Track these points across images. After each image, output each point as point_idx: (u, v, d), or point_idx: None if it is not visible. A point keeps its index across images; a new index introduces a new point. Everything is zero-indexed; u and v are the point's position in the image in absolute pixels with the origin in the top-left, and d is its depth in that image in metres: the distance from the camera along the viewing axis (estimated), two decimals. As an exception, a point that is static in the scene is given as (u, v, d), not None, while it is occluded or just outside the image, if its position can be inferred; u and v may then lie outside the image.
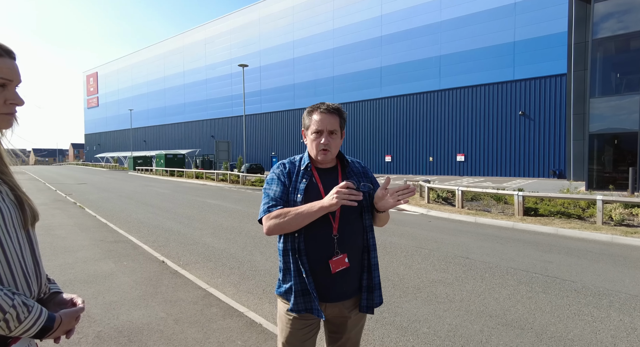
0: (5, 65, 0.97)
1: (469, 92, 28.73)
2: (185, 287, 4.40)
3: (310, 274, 1.61)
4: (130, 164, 46.83)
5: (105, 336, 3.18)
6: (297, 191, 1.65)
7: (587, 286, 4.54)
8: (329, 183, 1.67)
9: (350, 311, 1.70)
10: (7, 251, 0.97)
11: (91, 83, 76.70)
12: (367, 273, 1.71)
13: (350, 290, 1.68)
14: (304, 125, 1.75)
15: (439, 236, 7.58)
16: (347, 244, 1.64)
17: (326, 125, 1.66)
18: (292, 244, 1.63)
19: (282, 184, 1.67)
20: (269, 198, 1.66)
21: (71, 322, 1.07)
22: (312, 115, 1.70)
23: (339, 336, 1.77)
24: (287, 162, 1.76)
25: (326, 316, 1.69)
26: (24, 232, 1.04)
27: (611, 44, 15.64)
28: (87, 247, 6.40)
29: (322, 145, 1.65)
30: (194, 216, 10.21)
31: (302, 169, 1.71)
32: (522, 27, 26.32)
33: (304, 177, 1.69)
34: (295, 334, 1.69)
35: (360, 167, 1.81)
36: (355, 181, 1.65)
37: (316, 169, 1.72)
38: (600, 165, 15.59)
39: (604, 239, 7.34)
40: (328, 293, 1.64)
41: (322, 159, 1.68)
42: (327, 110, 1.69)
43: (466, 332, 3.30)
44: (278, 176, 1.70)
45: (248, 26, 43.88)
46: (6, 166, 1.08)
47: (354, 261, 1.67)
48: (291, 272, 1.64)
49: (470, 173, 28.62)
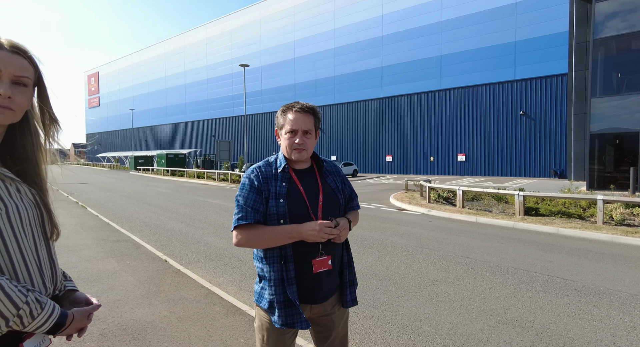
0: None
1: (470, 92, 28.73)
2: (187, 286, 4.43)
3: (295, 281, 1.57)
4: (132, 164, 46.90)
5: (110, 333, 3.21)
6: (279, 196, 1.57)
7: (588, 285, 4.56)
8: (309, 185, 1.65)
9: (333, 307, 1.71)
10: (23, 249, 0.99)
11: (92, 83, 76.81)
12: (347, 269, 1.74)
13: (333, 288, 1.69)
14: (278, 124, 1.68)
15: (440, 235, 7.61)
16: (331, 245, 1.62)
17: (300, 125, 1.61)
18: (280, 251, 1.56)
19: (255, 191, 1.57)
20: (240, 208, 1.56)
21: (83, 321, 1.09)
22: (287, 114, 1.64)
23: (327, 334, 1.75)
24: (263, 165, 1.66)
25: (311, 317, 1.67)
26: (41, 231, 1.06)
27: (612, 44, 15.62)
28: (90, 246, 6.44)
29: (296, 145, 1.60)
30: (195, 215, 10.24)
31: (279, 172, 1.63)
32: (523, 26, 26.31)
33: (283, 180, 1.61)
34: (277, 343, 1.64)
35: (334, 167, 1.80)
36: (332, 217, 1.62)
37: (293, 170, 1.66)
38: (601, 165, 15.58)
39: (604, 239, 7.35)
40: (314, 295, 1.62)
41: (297, 158, 1.62)
42: (302, 109, 1.63)
43: (467, 330, 3.33)
44: (252, 181, 1.60)
45: (249, 26, 43.92)
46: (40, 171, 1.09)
47: (336, 260, 1.67)
48: (275, 281, 1.57)
49: (471, 173, 28.62)
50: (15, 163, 1.05)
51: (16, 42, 1.01)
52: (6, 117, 0.99)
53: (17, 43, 1.01)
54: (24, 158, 1.07)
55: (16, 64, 0.99)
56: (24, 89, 1.01)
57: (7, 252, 0.95)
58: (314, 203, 1.62)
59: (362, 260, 5.64)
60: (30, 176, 1.07)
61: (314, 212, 1.60)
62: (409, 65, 31.66)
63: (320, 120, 1.71)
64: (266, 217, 1.57)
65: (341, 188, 1.76)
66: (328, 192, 1.68)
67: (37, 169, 1.09)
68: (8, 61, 0.97)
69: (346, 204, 1.80)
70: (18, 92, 0.99)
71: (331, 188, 1.71)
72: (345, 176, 1.84)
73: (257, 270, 1.66)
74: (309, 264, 1.58)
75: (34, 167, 1.08)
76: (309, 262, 1.58)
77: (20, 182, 1.03)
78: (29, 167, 1.07)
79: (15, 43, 1.00)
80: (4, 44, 0.98)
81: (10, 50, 0.98)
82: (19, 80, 0.99)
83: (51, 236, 1.10)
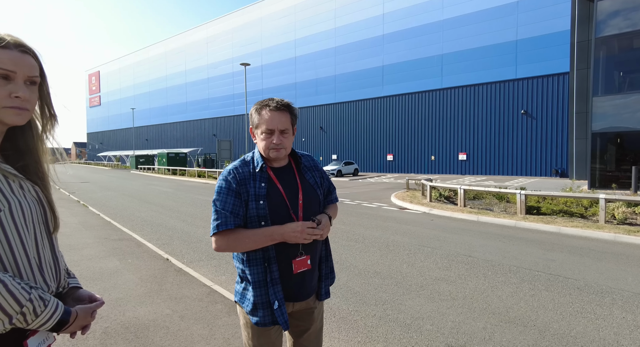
0: (7, 57, 0.96)
1: (471, 91, 28.68)
2: (189, 285, 4.43)
3: (280, 281, 1.56)
4: (133, 163, 46.94)
5: (112, 332, 3.21)
6: (259, 197, 1.53)
7: (590, 284, 4.55)
8: (288, 184, 1.62)
9: (315, 302, 1.73)
10: (26, 246, 0.99)
11: (93, 82, 76.86)
12: (324, 262, 1.74)
13: (314, 284, 1.70)
14: (252, 123, 1.60)
15: (442, 234, 7.60)
16: (311, 244, 1.61)
17: (277, 124, 1.54)
18: (263, 253, 1.54)
19: (234, 194, 1.52)
20: (218, 213, 1.51)
21: (87, 318, 1.09)
22: (262, 112, 1.57)
23: (306, 327, 1.74)
24: (239, 165, 1.59)
25: (294, 312, 1.68)
26: (44, 228, 1.06)
27: (614, 42, 15.57)
28: (91, 245, 6.44)
29: (274, 145, 1.55)
30: (197, 214, 10.24)
31: (257, 171, 1.57)
32: (524, 25, 26.25)
33: (262, 180, 1.56)
34: (264, 339, 1.64)
35: (311, 161, 1.77)
36: (314, 217, 1.61)
37: (271, 169, 1.62)
38: (603, 164, 15.55)
39: (606, 238, 7.34)
40: (299, 293, 1.62)
41: (275, 156, 1.58)
42: (277, 107, 1.56)
43: (469, 329, 3.32)
44: (229, 183, 1.53)
45: (250, 25, 43.88)
46: (41, 165, 1.10)
47: (316, 258, 1.67)
48: (258, 283, 1.55)
49: (472, 172, 28.59)
50: (18, 159, 1.06)
51: (22, 40, 1.01)
52: (23, 118, 1.01)
53: (23, 41, 1.01)
54: (26, 153, 1.07)
55: (28, 64, 1.00)
56: (34, 87, 1.02)
57: (10, 250, 0.95)
58: (294, 202, 1.59)
59: (364, 259, 5.63)
60: (32, 171, 1.07)
61: (294, 212, 1.58)
62: (410, 64, 31.61)
63: (296, 116, 1.65)
64: (246, 220, 1.53)
65: (320, 183, 1.74)
66: (307, 190, 1.67)
67: (39, 164, 1.09)
68: (21, 62, 0.98)
69: (325, 198, 1.79)
70: (31, 91, 1.01)
71: (310, 185, 1.69)
72: (323, 169, 1.81)
73: (238, 271, 1.64)
74: (289, 264, 1.57)
75: (35, 162, 1.08)
76: (288, 261, 1.57)
77: (23, 179, 1.03)
78: (31, 162, 1.07)
79: (21, 41, 1.00)
80: (12, 43, 0.98)
81: (20, 50, 0.99)
82: (31, 80, 1.01)
83: (54, 230, 1.10)
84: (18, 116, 0.98)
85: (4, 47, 0.96)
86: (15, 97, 0.96)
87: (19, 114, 0.98)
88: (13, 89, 0.96)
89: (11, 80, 0.97)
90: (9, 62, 0.96)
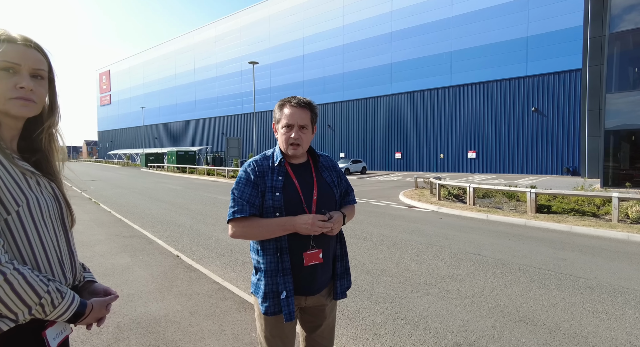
0: (12, 50, 0.99)
1: (481, 89, 28.38)
2: (199, 281, 4.48)
3: (291, 272, 1.60)
4: (143, 161, 47.46)
5: (125, 326, 3.27)
6: (275, 189, 1.60)
7: (602, 283, 4.49)
8: (304, 179, 1.67)
9: (327, 298, 1.76)
10: (44, 240, 1.02)
11: (104, 81, 77.81)
12: (339, 261, 1.77)
13: (327, 279, 1.73)
14: (275, 118, 1.71)
15: (450, 232, 7.55)
16: (323, 238, 1.65)
17: (296, 119, 1.62)
18: (276, 243, 1.60)
19: (252, 185, 1.60)
20: (235, 201, 1.59)
21: (102, 310, 1.12)
22: (283, 108, 1.66)
23: (318, 324, 1.78)
24: (260, 159, 1.69)
25: (306, 307, 1.72)
26: (60, 223, 1.09)
27: (629, 38, 15.25)
28: (103, 242, 6.55)
29: (292, 140, 1.62)
30: (206, 211, 10.33)
31: (275, 166, 1.65)
32: (535, 21, 25.86)
33: (279, 174, 1.63)
34: (276, 331, 1.67)
35: (330, 162, 1.82)
36: (325, 210, 1.65)
37: (289, 164, 1.69)
38: (616, 163, 15.27)
39: (619, 237, 7.22)
40: (310, 287, 1.65)
41: (292, 154, 1.65)
42: (298, 104, 1.64)
43: (478, 327, 3.31)
44: (248, 175, 1.63)
45: (258, 23, 43.98)
46: (51, 157, 1.12)
47: (329, 253, 1.70)
48: (270, 272, 1.60)
49: (481, 170, 28.32)
50: (31, 156, 1.09)
51: (29, 37, 1.04)
52: (30, 110, 1.03)
53: (30, 38, 1.04)
54: (37, 149, 1.10)
55: (33, 57, 1.03)
56: (42, 81, 1.05)
57: (29, 243, 0.98)
58: (308, 198, 1.65)
59: (372, 257, 5.63)
60: (44, 167, 1.10)
61: (307, 207, 1.63)
62: (419, 62, 31.38)
63: (317, 115, 1.72)
64: (262, 210, 1.60)
65: (337, 182, 1.78)
66: (323, 187, 1.71)
67: (50, 160, 1.12)
68: (25, 55, 1.01)
69: (342, 199, 1.83)
70: (37, 84, 1.03)
71: (326, 182, 1.73)
72: (342, 171, 1.86)
73: (254, 262, 1.69)
74: (300, 256, 1.62)
75: (46, 157, 1.11)
76: (300, 253, 1.62)
77: (40, 176, 1.06)
78: (42, 157, 1.10)
79: (28, 38, 1.04)
80: (18, 39, 1.01)
81: (25, 45, 1.02)
82: (37, 73, 1.03)
83: (71, 225, 1.14)
84: (24, 107, 1.00)
85: (11, 42, 1.00)
86: (20, 87, 0.99)
87: (25, 105, 1.00)
88: (18, 80, 0.99)
89: (17, 73, 1.00)
90: (14, 55, 0.99)
